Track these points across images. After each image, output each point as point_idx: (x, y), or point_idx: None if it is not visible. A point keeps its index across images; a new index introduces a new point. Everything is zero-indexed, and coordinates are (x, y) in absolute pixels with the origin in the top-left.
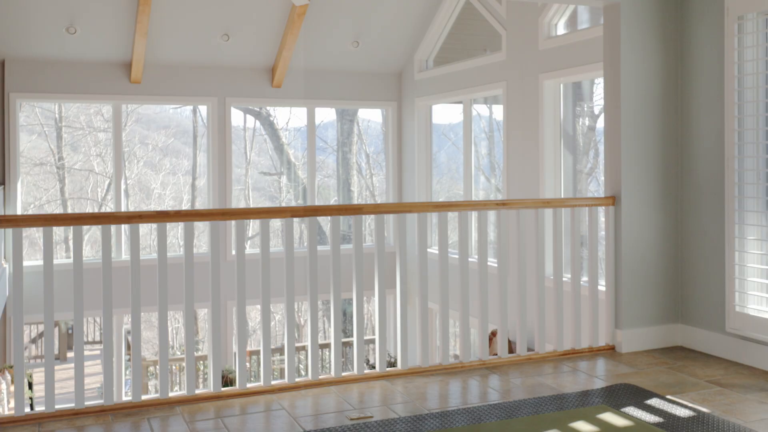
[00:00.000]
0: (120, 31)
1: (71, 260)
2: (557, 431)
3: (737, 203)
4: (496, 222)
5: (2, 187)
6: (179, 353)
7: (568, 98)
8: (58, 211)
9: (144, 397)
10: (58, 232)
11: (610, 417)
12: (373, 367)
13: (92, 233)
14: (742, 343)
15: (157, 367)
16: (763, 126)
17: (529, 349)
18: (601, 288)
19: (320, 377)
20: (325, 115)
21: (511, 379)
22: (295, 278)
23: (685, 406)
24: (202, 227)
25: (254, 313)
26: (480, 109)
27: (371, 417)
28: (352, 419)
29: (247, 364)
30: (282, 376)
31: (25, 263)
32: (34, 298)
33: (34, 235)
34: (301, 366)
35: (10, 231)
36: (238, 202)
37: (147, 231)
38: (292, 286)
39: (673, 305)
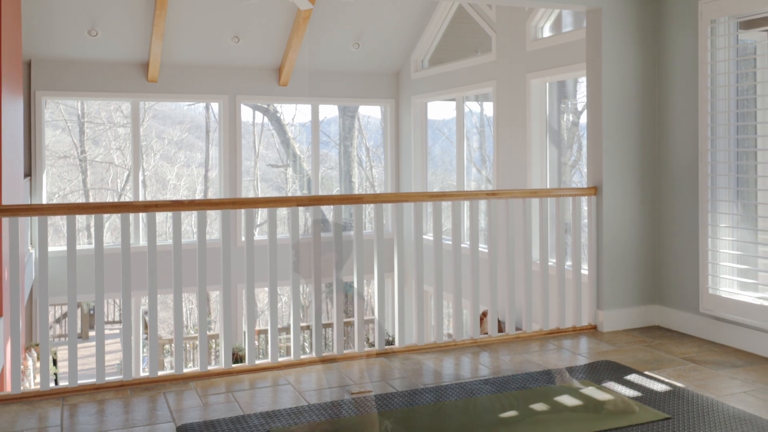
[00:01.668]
0: (138, 34)
1: (93, 246)
2: (543, 404)
3: (710, 193)
4: (487, 211)
5: (29, 178)
6: (193, 332)
7: (554, 96)
8: (81, 200)
9: (160, 373)
10: (80, 220)
11: (592, 391)
12: (373, 345)
13: (112, 221)
14: (714, 323)
15: (173, 345)
16: (734, 122)
17: (517, 329)
18: (584, 272)
19: (323, 354)
20: (328, 111)
21: (501, 356)
22: (300, 263)
23: (662, 381)
24: (214, 215)
25: (262, 295)
26: (472, 106)
27: (371, 391)
28: (353, 393)
29: (256, 342)
30: (288, 354)
31: (50, 249)
32: (58, 281)
33: (58, 222)
34: (306, 344)
35: (36, 219)
36: (247, 192)
37: (163, 219)
38: (298, 270)
39: (651, 288)
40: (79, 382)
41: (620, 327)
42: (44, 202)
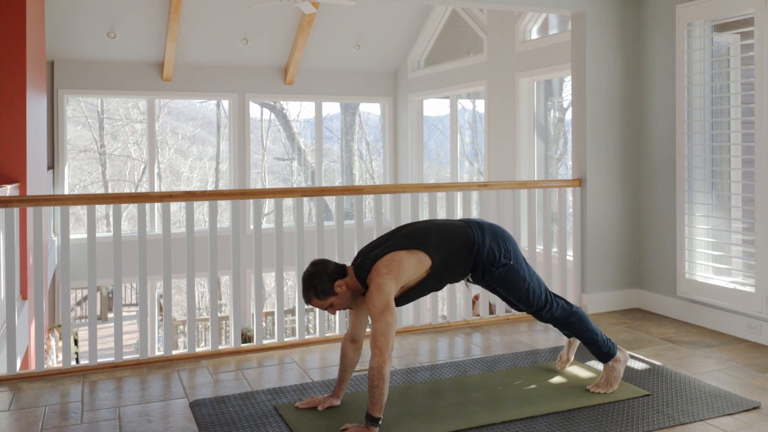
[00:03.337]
0: (153, 36)
1: (111, 234)
2: (531, 382)
3: (687, 185)
4: (479, 201)
5: (52, 170)
6: (205, 314)
7: (541, 94)
8: (100, 191)
9: (174, 352)
10: (99, 209)
11: (576, 369)
12: None
13: (129, 210)
14: (691, 306)
15: (186, 326)
16: (709, 118)
17: (507, 311)
18: (569, 258)
19: (326, 335)
20: (331, 108)
21: (492, 336)
22: (305, 249)
23: (642, 360)
24: (224, 205)
25: (269, 279)
26: (464, 103)
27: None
28: (354, 371)
29: (264, 323)
30: (293, 334)
31: (72, 236)
32: (79, 266)
33: (79, 212)
34: (310, 325)
35: (59, 208)
36: (255, 184)
37: (177, 208)
38: (303, 256)
39: (632, 272)
40: (99, 360)
41: (603, 309)
42: (66, 192)
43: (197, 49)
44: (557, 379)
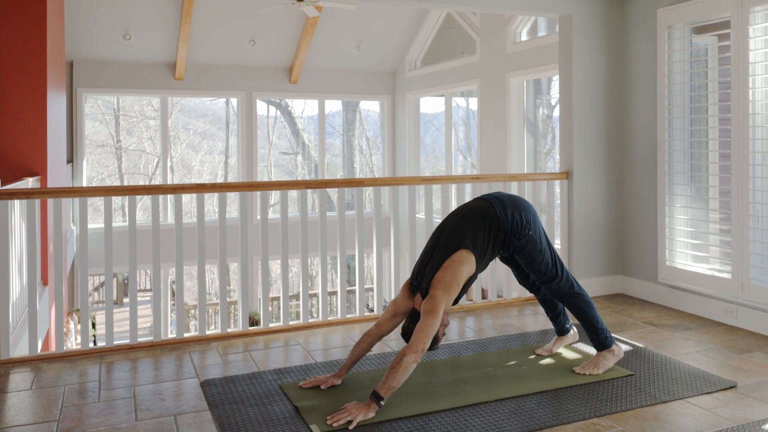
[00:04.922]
0: (166, 38)
1: (127, 223)
2: (521, 362)
3: (667, 177)
4: (472, 193)
5: (71, 164)
6: (214, 299)
7: (530, 92)
8: (116, 184)
9: (186, 335)
10: (116, 200)
11: (564, 351)
12: (372, 311)
13: (144, 202)
14: (671, 291)
15: (197, 310)
16: (688, 115)
17: (498, 296)
18: (557, 246)
19: (329, 318)
20: (333, 105)
21: (484, 320)
22: (309, 238)
23: (625, 342)
24: (232, 197)
25: (275, 266)
26: (458, 101)
27: (370, 351)
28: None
29: (270, 308)
30: (298, 318)
31: (90, 226)
32: (96, 254)
33: (96, 203)
34: (313, 309)
35: (77, 200)
36: (262, 176)
37: (188, 200)
38: (306, 245)
39: (616, 260)
40: (115, 342)
41: (589, 294)
42: (84, 185)
43: (208, 50)
44: (546, 360)
